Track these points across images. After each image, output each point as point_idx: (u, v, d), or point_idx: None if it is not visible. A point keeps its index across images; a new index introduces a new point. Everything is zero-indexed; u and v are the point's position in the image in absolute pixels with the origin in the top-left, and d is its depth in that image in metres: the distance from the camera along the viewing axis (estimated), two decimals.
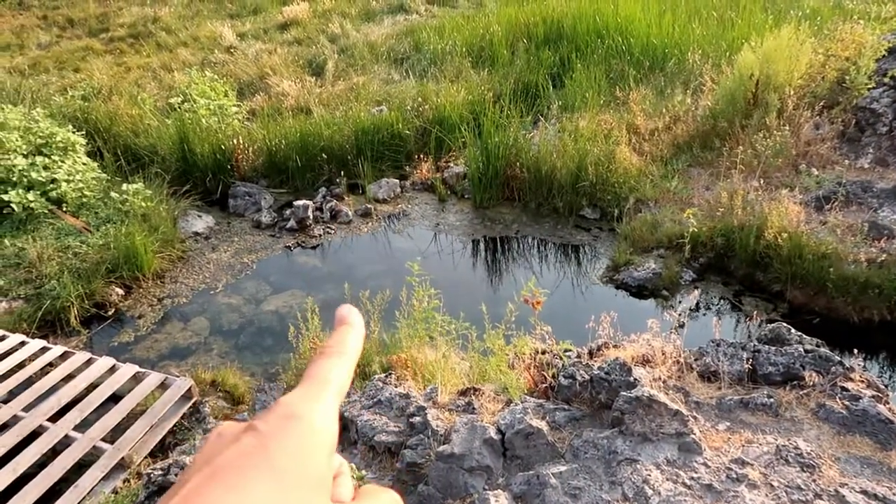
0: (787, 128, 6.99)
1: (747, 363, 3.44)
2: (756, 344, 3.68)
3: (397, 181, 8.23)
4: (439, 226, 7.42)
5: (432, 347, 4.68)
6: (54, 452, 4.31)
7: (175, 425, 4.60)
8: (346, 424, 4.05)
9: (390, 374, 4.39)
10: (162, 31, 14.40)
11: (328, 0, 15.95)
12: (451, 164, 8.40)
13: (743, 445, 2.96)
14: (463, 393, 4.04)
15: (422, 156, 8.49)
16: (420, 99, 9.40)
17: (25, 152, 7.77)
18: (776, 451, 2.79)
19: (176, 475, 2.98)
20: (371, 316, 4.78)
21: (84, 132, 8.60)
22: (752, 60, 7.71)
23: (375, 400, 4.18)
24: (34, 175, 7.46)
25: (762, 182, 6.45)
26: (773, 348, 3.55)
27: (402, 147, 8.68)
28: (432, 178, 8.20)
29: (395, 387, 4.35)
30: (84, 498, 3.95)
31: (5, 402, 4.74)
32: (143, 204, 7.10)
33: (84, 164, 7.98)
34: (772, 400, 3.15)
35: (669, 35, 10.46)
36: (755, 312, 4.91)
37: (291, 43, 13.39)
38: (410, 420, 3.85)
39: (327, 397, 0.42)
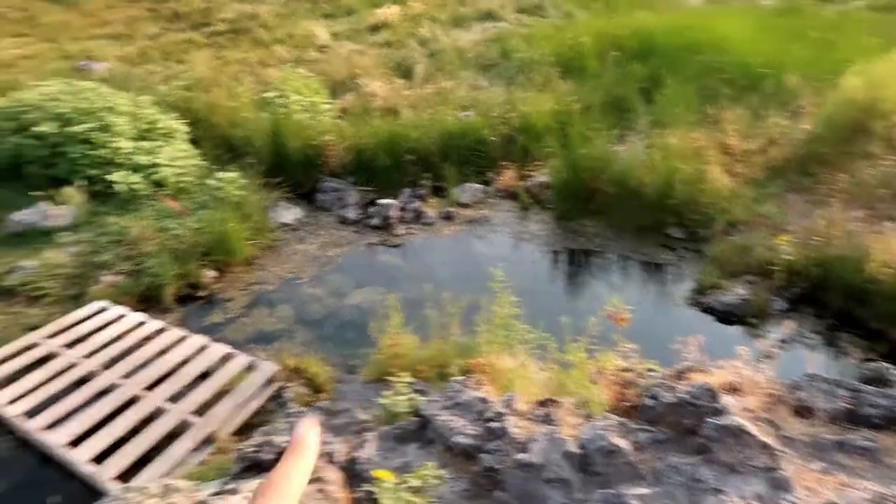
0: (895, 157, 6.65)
1: (845, 402, 3.31)
2: (855, 382, 3.53)
3: (480, 186, 8.31)
4: (520, 234, 7.44)
5: (511, 355, 4.70)
6: (147, 421, 4.56)
7: (258, 407, 4.80)
8: (424, 423, 4.10)
9: (469, 377, 4.42)
10: (260, 28, 14.98)
11: (419, 4, 16.20)
12: (536, 174, 8.39)
13: (838, 488, 2.84)
14: (542, 403, 4.03)
15: (506, 163, 8.53)
16: (506, 106, 9.44)
17: (131, 136, 8.23)
18: (876, 499, 2.67)
19: (267, 453, 3.12)
20: (451, 318, 4.84)
21: (185, 121, 9.05)
22: (858, 85, 7.37)
23: (454, 402, 4.21)
24: (138, 158, 7.91)
25: (865, 213, 6.16)
26: (875, 389, 3.40)
27: (487, 153, 8.73)
28: (515, 185, 8.22)
29: (474, 391, 4.39)
30: (173, 466, 4.15)
31: (106, 367, 5.06)
32: (237, 192, 7.42)
33: (184, 150, 8.42)
34: (872, 444, 3.01)
35: (767, 54, 10.11)
36: (852, 349, 4.70)
37: (382, 45, 13.67)
38: (488, 425, 3.86)
39: None
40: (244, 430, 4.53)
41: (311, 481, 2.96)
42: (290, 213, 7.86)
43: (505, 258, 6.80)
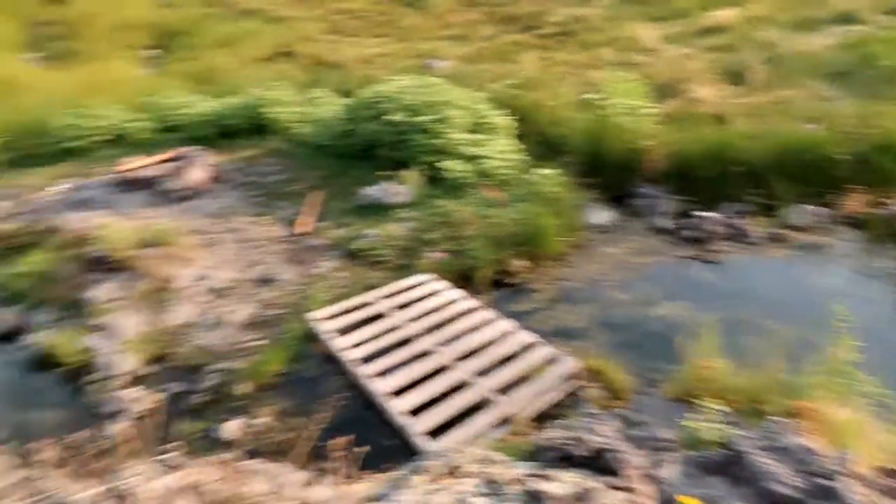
0: None
1: None
2: None
3: (819, 209, 7.33)
4: (866, 269, 6.41)
5: (844, 405, 4.07)
6: (455, 389, 4.94)
7: (556, 400, 4.89)
8: (734, 458, 3.77)
9: (793, 421, 3.93)
10: (586, 31, 15.19)
11: (759, 6, 14.87)
12: (893, 201, 7.12)
13: None
14: (889, 473, 3.41)
15: (855, 186, 7.39)
16: (863, 121, 8.15)
17: (464, 128, 8.97)
18: None
19: (580, 450, 3.14)
20: (775, 350, 4.38)
21: (513, 117, 9.58)
22: None
23: (772, 444, 3.78)
24: (467, 149, 8.60)
25: None
26: None
27: (832, 172, 7.65)
28: (865, 212, 7.09)
29: (797, 437, 3.90)
30: (473, 437, 4.43)
31: (426, 333, 5.60)
32: (554, 189, 7.64)
33: (509, 144, 8.93)
34: None
35: None
36: None
37: (714, 49, 12.86)
38: (816, 480, 3.39)
39: None
40: (540, 419, 4.64)
41: (620, 489, 2.90)
42: (602, 215, 7.86)
43: (844, 293, 5.87)
